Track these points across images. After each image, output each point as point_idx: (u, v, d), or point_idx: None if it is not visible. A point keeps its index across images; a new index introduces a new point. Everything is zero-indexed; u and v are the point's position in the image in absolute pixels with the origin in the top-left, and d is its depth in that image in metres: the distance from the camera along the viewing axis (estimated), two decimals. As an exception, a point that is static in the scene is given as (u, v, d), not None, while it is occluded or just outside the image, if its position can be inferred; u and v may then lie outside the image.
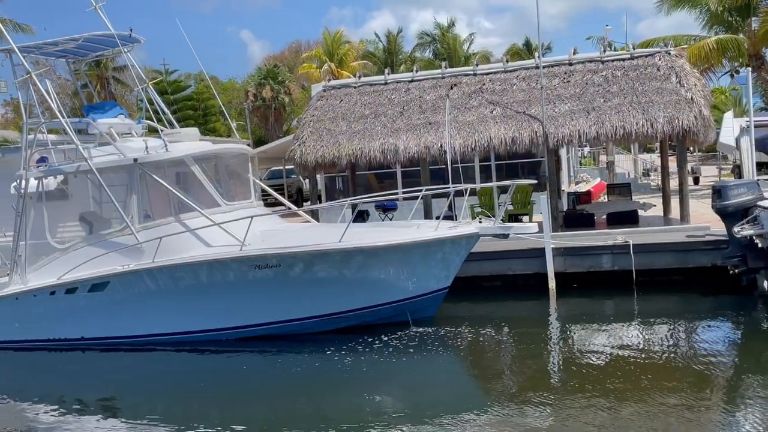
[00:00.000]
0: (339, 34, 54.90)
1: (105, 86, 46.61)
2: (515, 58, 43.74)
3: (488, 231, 13.15)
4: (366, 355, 11.99)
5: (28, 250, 14.07)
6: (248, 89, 57.33)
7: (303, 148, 19.17)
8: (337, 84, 21.77)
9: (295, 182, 35.81)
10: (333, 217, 19.73)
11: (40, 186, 14.25)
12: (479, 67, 20.26)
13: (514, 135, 17.54)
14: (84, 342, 13.78)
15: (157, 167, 13.62)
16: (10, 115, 60.55)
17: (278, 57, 72.92)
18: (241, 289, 12.97)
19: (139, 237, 13.19)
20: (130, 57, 15.68)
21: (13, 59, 14.42)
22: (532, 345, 12.30)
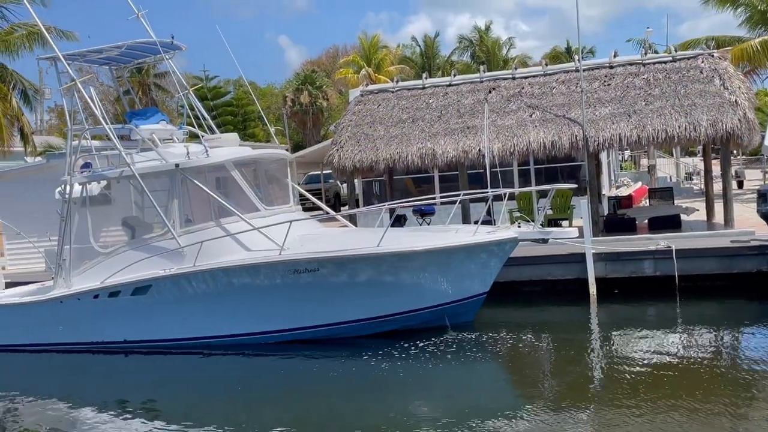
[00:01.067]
0: (376, 38, 55.02)
1: (146, 92, 47.27)
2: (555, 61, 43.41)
3: (527, 236, 13.06)
4: (403, 360, 11.97)
5: (72, 254, 14.31)
6: (286, 94, 57.72)
7: (341, 153, 19.24)
8: (375, 89, 21.83)
9: (332, 187, 35.94)
10: (370, 221, 19.78)
11: (84, 191, 14.50)
12: (518, 71, 20.16)
13: (554, 139, 17.41)
14: (126, 345, 13.97)
15: (198, 172, 13.77)
16: (55, 122, 61.75)
17: (315, 62, 73.31)
18: (280, 293, 13.05)
19: (180, 241, 13.35)
20: (171, 64, 15.89)
21: (58, 67, 14.68)
22: (571, 351, 12.18)
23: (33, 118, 43.40)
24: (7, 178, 21.84)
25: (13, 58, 34.54)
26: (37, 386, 12.95)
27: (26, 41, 33.55)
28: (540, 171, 23.20)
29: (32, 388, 12.79)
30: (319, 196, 29.08)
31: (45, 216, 17.92)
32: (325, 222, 16.14)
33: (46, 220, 17.51)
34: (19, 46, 33.66)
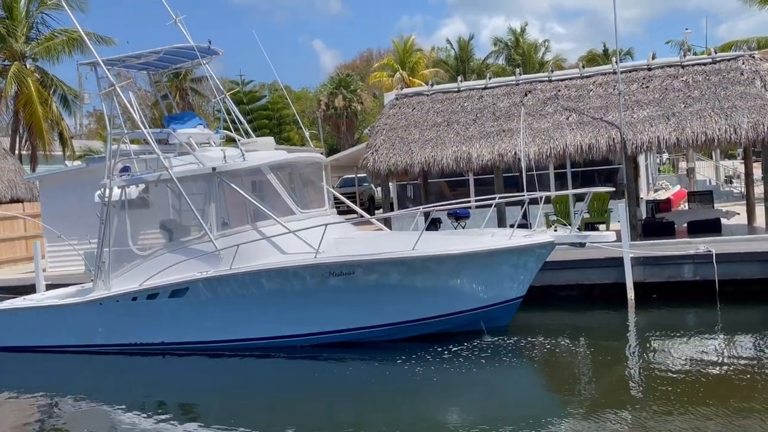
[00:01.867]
0: (410, 42, 55.03)
1: (183, 97, 47.82)
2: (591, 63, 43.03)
3: (564, 239, 12.95)
4: (437, 364, 11.92)
5: (111, 257, 14.49)
6: (321, 98, 58.02)
7: (376, 156, 19.26)
8: (410, 92, 21.82)
9: (366, 190, 36.01)
10: (405, 225, 19.76)
11: (123, 194, 14.67)
12: (554, 74, 20.03)
13: (591, 142, 17.26)
14: (164, 346, 14.11)
15: (234, 176, 13.88)
16: (94, 126, 62.74)
17: (350, 66, 73.58)
18: (315, 296, 13.09)
19: (217, 244, 13.45)
20: (208, 68, 16.05)
21: (97, 72, 14.89)
22: (608, 357, 12.05)
23: (72, 123, 44.12)
24: (48, 182, 22.18)
25: (54, 64, 35.28)
26: (76, 387, 13.13)
27: (66, 47, 34.21)
28: (577, 174, 23.01)
29: (71, 388, 12.98)
30: (354, 199, 29.18)
31: (85, 219, 18.15)
32: (360, 225, 16.16)
33: (86, 223, 17.74)
34: (59, 51, 34.32)
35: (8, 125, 36.84)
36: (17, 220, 24.21)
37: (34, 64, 35.30)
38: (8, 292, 17.16)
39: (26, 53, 34.74)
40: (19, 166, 28.24)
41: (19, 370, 14.89)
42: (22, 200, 26.20)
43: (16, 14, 34.02)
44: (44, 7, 34.92)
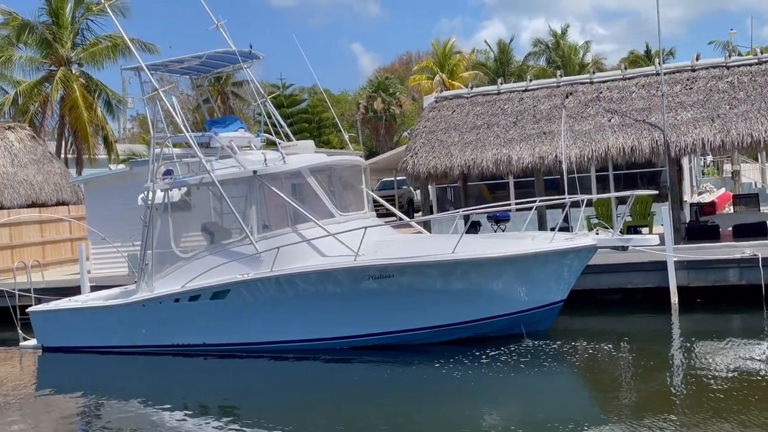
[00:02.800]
0: (449, 44, 54.88)
1: (224, 101, 48.30)
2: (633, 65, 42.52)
3: (606, 243, 12.81)
4: (475, 368, 11.86)
5: (154, 259, 14.69)
6: (360, 101, 58.15)
7: (415, 159, 19.25)
8: (449, 95, 21.78)
9: (405, 193, 36.00)
10: (445, 228, 19.70)
11: (166, 197, 14.86)
12: (596, 75, 19.83)
13: (633, 144, 17.06)
14: (205, 348, 14.26)
15: (275, 179, 13.98)
16: (137, 130, 63.74)
17: (389, 69, 73.65)
18: (355, 299, 13.12)
19: (257, 247, 13.56)
20: (249, 73, 16.21)
21: (141, 77, 15.13)
22: (651, 362, 11.87)
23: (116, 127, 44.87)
24: (92, 185, 22.57)
25: (98, 69, 35.93)
26: (119, 387, 13.32)
27: (110, 52, 34.81)
28: (619, 177, 22.71)
29: (115, 389, 13.17)
30: (393, 202, 29.18)
31: (128, 221, 18.46)
32: (399, 228, 16.16)
33: (130, 226, 18.03)
34: (103, 57, 34.95)
35: (54, 129, 37.60)
36: (63, 222, 24.67)
37: (79, 69, 36.00)
38: (54, 294, 17.48)
39: (72, 58, 35.45)
40: (65, 170, 28.76)
41: (64, 371, 15.17)
42: (67, 203, 26.67)
43: (63, 20, 34.74)
44: (89, 13, 35.59)
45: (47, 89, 35.36)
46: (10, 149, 26.01)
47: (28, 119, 33.69)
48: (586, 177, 22.13)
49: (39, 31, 34.64)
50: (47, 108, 36.07)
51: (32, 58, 35.46)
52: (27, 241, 24.22)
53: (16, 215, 23.39)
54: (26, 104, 34.85)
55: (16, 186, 25.10)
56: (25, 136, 27.29)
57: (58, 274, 22.55)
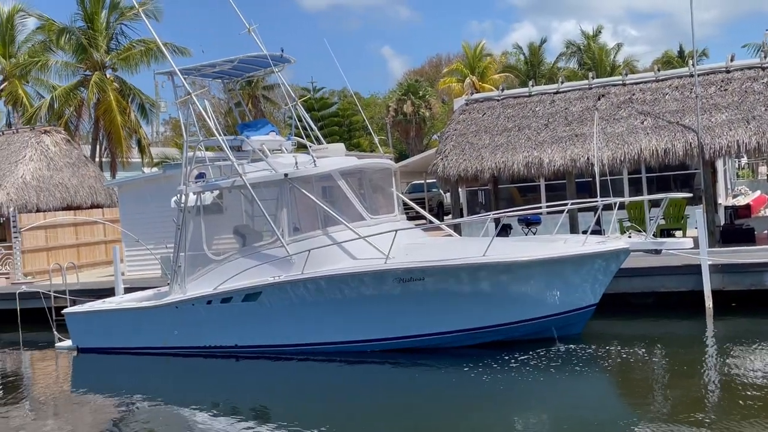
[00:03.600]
0: (480, 47, 54.71)
1: (255, 104, 48.63)
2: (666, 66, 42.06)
3: (639, 246, 12.69)
4: (505, 372, 11.78)
5: (187, 261, 14.83)
6: (389, 104, 58.15)
7: (445, 162, 19.23)
8: (480, 97, 21.72)
9: (435, 196, 35.94)
10: (475, 231, 19.66)
11: (199, 200, 15.00)
12: (628, 77, 19.65)
13: (667, 146, 16.88)
14: (237, 349, 14.36)
15: (305, 182, 14.05)
16: (170, 133, 64.39)
17: (419, 71, 73.60)
18: (385, 302, 13.13)
19: (288, 249, 13.63)
20: (280, 76, 16.31)
21: (174, 81, 15.29)
22: (684, 366, 11.72)
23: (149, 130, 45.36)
24: (126, 188, 22.86)
25: (132, 73, 36.41)
26: (152, 388, 13.47)
27: (144, 57, 35.25)
28: (652, 179, 22.47)
29: (148, 389, 13.32)
30: (423, 205, 29.13)
31: (161, 224, 18.66)
32: (430, 231, 16.14)
33: (163, 228, 18.21)
34: (137, 61, 35.40)
35: (89, 133, 38.14)
36: (97, 225, 25.02)
37: (113, 73, 36.49)
38: (89, 296, 17.73)
39: (106, 63, 35.94)
40: (99, 173, 29.18)
41: (99, 371, 15.38)
42: (101, 206, 27.06)
43: (97, 25, 35.23)
44: (123, 18, 36.06)
45: (82, 93, 35.90)
46: (46, 153, 26.43)
47: (63, 123, 34.21)
48: (619, 179, 21.95)
49: (75, 36, 35.18)
50: (82, 112, 36.61)
51: (68, 63, 36.04)
52: (62, 244, 24.63)
53: (51, 218, 23.78)
54: (62, 108, 35.39)
55: (52, 189, 25.51)
56: (60, 139, 27.72)
57: (92, 276, 22.87)
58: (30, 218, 23.58)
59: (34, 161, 25.75)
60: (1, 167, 25.47)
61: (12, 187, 24.39)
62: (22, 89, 36.86)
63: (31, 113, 34.85)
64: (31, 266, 23.63)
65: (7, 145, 26.56)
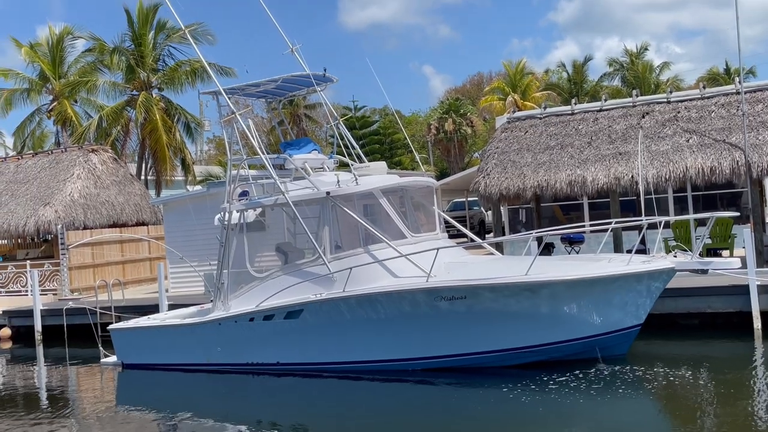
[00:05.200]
0: (521, 65, 54.59)
1: (297, 123, 49.08)
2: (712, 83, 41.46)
3: (685, 266, 12.47)
4: (545, 393, 11.62)
5: (230, 278, 14.96)
6: (431, 122, 58.24)
7: (487, 180, 19.17)
8: (522, 115, 21.65)
9: (477, 214, 35.81)
10: (517, 249, 19.52)
11: (242, 218, 15.15)
12: (673, 95, 19.44)
13: (713, 165, 16.63)
14: (279, 367, 14.41)
15: (347, 200, 14.10)
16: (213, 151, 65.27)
17: (460, 90, 73.66)
18: (427, 321, 13.08)
19: (330, 267, 13.68)
20: (323, 95, 16.45)
21: (219, 100, 15.51)
22: (732, 389, 11.46)
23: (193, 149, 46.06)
24: (171, 206, 23.18)
25: (178, 93, 37.08)
26: (194, 405, 13.55)
27: (189, 77, 35.90)
28: (698, 198, 22.13)
29: (191, 406, 13.40)
30: (464, 223, 29.06)
31: (205, 241, 18.89)
32: (471, 250, 16.07)
33: (206, 245, 18.43)
34: (183, 81, 36.05)
35: (135, 152, 38.86)
36: (142, 242, 25.42)
37: (159, 93, 37.17)
38: (134, 312, 17.99)
39: (153, 83, 36.65)
40: (145, 191, 29.68)
41: (143, 387, 15.55)
42: (146, 223, 27.52)
43: (145, 46, 35.98)
44: (170, 39, 36.76)
45: (129, 113, 36.62)
46: (93, 171, 26.99)
47: (110, 142, 34.91)
48: (664, 198, 21.65)
49: (124, 56, 35.97)
50: (129, 131, 37.33)
51: (115, 83, 36.82)
52: (108, 260, 25.07)
53: (98, 235, 24.24)
54: (109, 127, 36.14)
55: (99, 207, 26.01)
56: (107, 158, 28.29)
57: (137, 292, 23.22)
58: (77, 235, 24.06)
59: (82, 179, 26.30)
60: (50, 185, 26.07)
61: (60, 204, 24.92)
62: (71, 109, 37.75)
63: (79, 132, 35.64)
64: (78, 282, 24.11)
65: (56, 163, 27.19)
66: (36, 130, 41.07)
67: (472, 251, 16.28)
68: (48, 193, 25.61)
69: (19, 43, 38.34)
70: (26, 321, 21.18)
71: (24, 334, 21.37)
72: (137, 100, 35.03)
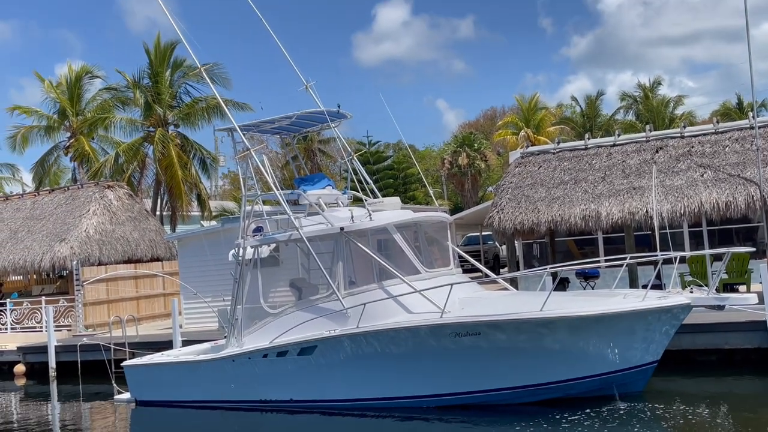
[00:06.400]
0: (534, 99, 54.82)
1: (311, 157, 49.37)
2: (725, 118, 41.46)
3: (701, 302, 12.36)
4: (561, 431, 11.47)
5: (243, 314, 14.92)
6: (444, 156, 58.39)
7: (501, 215, 19.17)
8: (535, 150, 21.70)
9: (491, 248, 35.73)
10: (532, 284, 19.42)
11: (256, 253, 15.16)
12: (687, 129, 19.46)
13: (728, 199, 16.57)
14: (293, 404, 14.31)
15: (361, 235, 14.11)
16: (228, 187, 65.64)
17: (473, 124, 73.97)
18: (441, 357, 12.98)
19: (344, 303, 13.64)
20: (337, 131, 16.56)
21: (234, 137, 15.63)
22: (750, 428, 11.28)
23: (209, 184, 46.38)
24: (185, 241, 23.24)
25: (194, 130, 37.48)
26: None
27: (205, 113, 36.31)
28: (713, 233, 21.98)
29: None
30: (478, 257, 28.96)
31: (219, 277, 18.88)
32: (486, 285, 16.02)
33: (220, 281, 18.43)
34: (199, 118, 36.48)
35: (150, 187, 39.17)
36: (156, 277, 25.49)
37: (175, 130, 37.57)
38: (148, 348, 17.97)
39: (169, 119, 37.06)
40: (160, 227, 29.85)
41: (156, 424, 15.49)
42: (161, 259, 27.60)
43: (162, 83, 36.47)
44: (187, 77, 37.25)
45: (145, 149, 37.00)
46: (109, 207, 27.18)
47: (126, 178, 35.23)
48: (679, 233, 21.53)
49: (141, 93, 36.46)
50: (145, 167, 37.68)
51: (132, 120, 37.28)
52: (123, 296, 25.13)
53: (113, 271, 24.34)
54: (126, 164, 36.50)
55: (114, 242, 26.15)
56: (123, 194, 28.50)
57: (151, 328, 23.22)
58: (92, 271, 24.16)
59: (98, 215, 26.48)
60: (66, 221, 26.27)
61: (76, 241, 25.08)
62: (89, 145, 38.21)
63: (96, 168, 36.01)
64: (92, 318, 24.16)
65: (72, 200, 27.42)
66: (53, 166, 41.53)
67: (487, 286, 16.22)
68: (64, 229, 25.80)
69: (41, 77, 39.08)
70: (41, 357, 21.22)
71: (38, 370, 21.39)
72: (154, 136, 35.42)
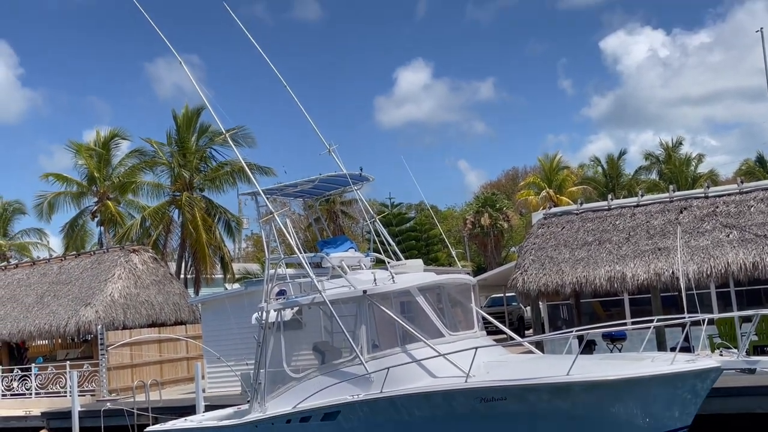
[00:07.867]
0: (556, 159, 54.98)
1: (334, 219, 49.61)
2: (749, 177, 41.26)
3: (731, 365, 12.09)
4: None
5: (266, 378, 14.81)
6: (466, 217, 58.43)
7: (525, 276, 19.06)
8: (558, 211, 21.69)
9: (515, 310, 35.39)
10: (557, 347, 19.16)
11: (279, 317, 15.13)
12: (711, 189, 19.41)
13: (755, 260, 16.41)
14: (320, 471, 14.06)
15: (384, 298, 14.04)
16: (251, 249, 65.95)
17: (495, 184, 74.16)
18: (466, 422, 12.76)
19: (367, 367, 13.50)
20: (359, 194, 16.66)
21: (258, 200, 15.76)
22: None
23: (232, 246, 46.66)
24: (209, 305, 23.31)
25: (219, 193, 37.96)
26: None
27: (230, 177, 36.81)
28: (741, 293, 21.65)
29: None
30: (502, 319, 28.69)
31: (242, 340, 18.84)
32: (511, 347, 15.82)
33: (244, 345, 18.37)
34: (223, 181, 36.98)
35: (175, 250, 39.47)
36: (180, 341, 25.47)
37: (200, 193, 38.03)
38: (171, 413, 17.84)
39: (195, 183, 37.56)
40: (184, 290, 29.96)
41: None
42: (185, 322, 27.63)
43: (188, 148, 37.11)
44: (213, 142, 37.89)
45: (171, 212, 37.44)
46: (133, 271, 27.38)
47: (152, 241, 35.55)
48: (706, 294, 21.23)
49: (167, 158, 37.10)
50: (170, 230, 38.06)
51: (159, 184, 37.86)
52: (146, 360, 25.09)
53: (137, 335, 24.37)
54: (153, 227, 36.90)
55: (138, 306, 26.26)
56: (148, 258, 28.73)
57: (174, 393, 23.10)
58: (117, 335, 24.22)
59: (123, 279, 26.67)
60: (92, 285, 26.46)
61: (101, 305, 25.22)
62: (115, 209, 38.71)
63: (123, 232, 36.42)
64: (116, 383, 24.10)
65: (98, 264, 27.68)
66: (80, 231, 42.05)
67: (512, 349, 16.02)
68: (89, 294, 25.98)
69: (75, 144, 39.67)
70: (64, 423, 21.10)
71: (62, 435, 21.28)
72: (179, 200, 35.84)
